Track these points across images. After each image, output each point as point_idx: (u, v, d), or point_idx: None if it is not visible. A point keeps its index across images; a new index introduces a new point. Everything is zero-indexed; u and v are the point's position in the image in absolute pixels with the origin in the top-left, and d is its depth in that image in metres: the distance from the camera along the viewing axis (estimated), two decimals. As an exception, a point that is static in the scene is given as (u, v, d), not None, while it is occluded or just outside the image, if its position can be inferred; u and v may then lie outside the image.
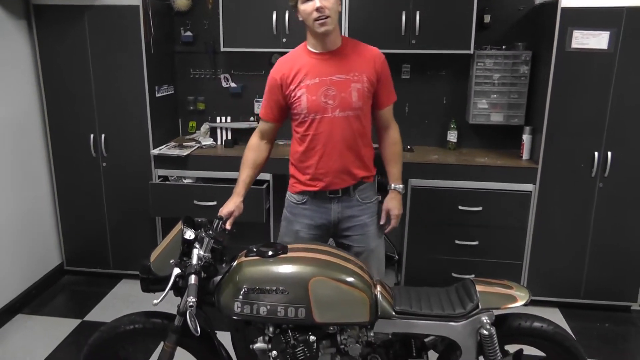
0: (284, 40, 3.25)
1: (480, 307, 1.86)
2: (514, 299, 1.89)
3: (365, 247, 2.33)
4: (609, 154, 3.05)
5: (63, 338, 3.06)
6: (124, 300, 3.39)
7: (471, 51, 3.20)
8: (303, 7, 2.12)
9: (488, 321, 1.85)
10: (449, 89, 3.57)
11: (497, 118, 3.39)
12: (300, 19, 2.17)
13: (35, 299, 3.49)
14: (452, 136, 3.53)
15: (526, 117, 3.36)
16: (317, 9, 2.08)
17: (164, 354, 1.96)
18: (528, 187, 3.17)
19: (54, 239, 3.71)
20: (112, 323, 2.05)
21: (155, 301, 1.76)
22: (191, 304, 1.69)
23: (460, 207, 3.23)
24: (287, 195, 2.42)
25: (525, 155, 3.29)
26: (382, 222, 2.40)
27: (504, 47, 3.35)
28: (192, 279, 1.76)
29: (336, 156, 2.23)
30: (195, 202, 3.29)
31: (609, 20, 2.90)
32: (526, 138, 3.28)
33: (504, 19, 3.41)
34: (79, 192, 3.60)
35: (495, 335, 1.86)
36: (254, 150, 2.38)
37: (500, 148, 3.53)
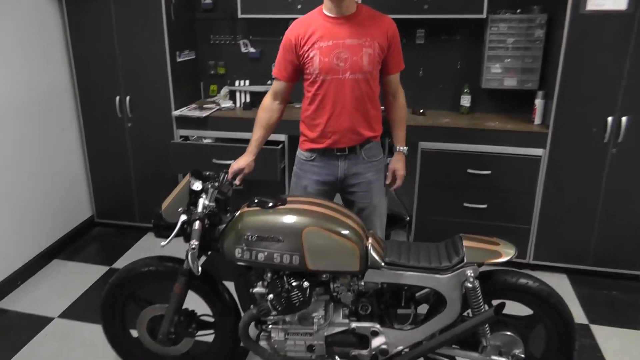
0: (299, 6, 3.32)
1: (465, 261, 1.96)
2: (499, 254, 1.98)
3: (369, 203, 2.44)
4: (624, 119, 3.02)
5: (93, 281, 3.33)
6: (148, 251, 3.55)
7: (484, 15, 3.20)
8: None
9: (472, 274, 1.95)
10: (463, 53, 3.58)
11: (510, 82, 3.40)
12: None
13: (68, 247, 3.77)
14: (465, 100, 3.56)
15: (540, 81, 3.35)
16: None
17: (174, 295, 2.16)
18: (538, 151, 3.19)
19: (85, 193, 3.97)
20: (129, 265, 2.26)
21: (162, 243, 1.94)
22: (193, 246, 1.86)
23: (469, 171, 3.28)
24: (297, 153, 2.55)
25: (537, 120, 3.30)
26: (388, 182, 2.51)
27: (518, 10, 3.32)
28: (196, 224, 1.93)
29: (345, 116, 2.33)
30: (213, 160, 3.44)
31: (628, -21, 2.85)
32: (538, 103, 3.28)
33: (519, -19, 3.39)
34: (107, 150, 3.82)
35: (479, 289, 1.96)
36: (267, 110, 2.51)
37: (513, 112, 3.54)
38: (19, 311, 3.03)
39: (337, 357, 2.11)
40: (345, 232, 1.98)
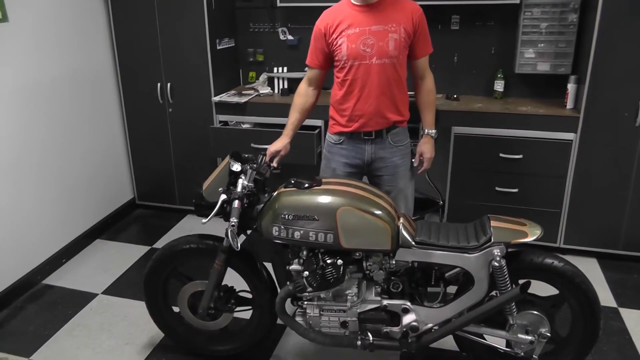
0: (336, -7, 3.40)
1: (493, 240, 2.03)
2: (525, 234, 2.04)
3: (395, 186, 2.53)
4: (656, 104, 3.03)
5: (135, 260, 3.52)
6: (188, 232, 3.57)
7: (517, 1, 3.22)
8: None
9: (499, 254, 2.02)
10: (497, 39, 3.60)
11: (543, 67, 3.41)
12: None
13: (111, 227, 3.97)
14: (499, 85, 3.59)
15: (573, 66, 3.35)
16: None
17: (214, 271, 2.29)
18: (569, 135, 3.21)
19: (126, 176, 4.17)
20: (171, 242, 2.40)
21: (203, 220, 2.07)
22: (233, 223, 1.99)
23: (501, 155, 3.32)
24: (326, 136, 2.65)
25: (570, 104, 3.31)
26: (415, 165, 2.58)
27: (553, -5, 3.33)
28: (236, 203, 2.06)
29: (372, 100, 2.42)
30: (252, 145, 3.55)
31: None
32: (571, 87, 3.29)
33: (555, -34, 3.38)
34: (148, 135, 3.99)
35: (505, 268, 2.03)
36: (302, 95, 2.62)
37: (546, 97, 3.55)
38: (64, 287, 3.23)
39: (369, 333, 2.22)
40: (378, 212, 2.07)
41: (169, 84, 3.78)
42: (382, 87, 2.42)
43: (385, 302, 2.18)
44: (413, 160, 2.61)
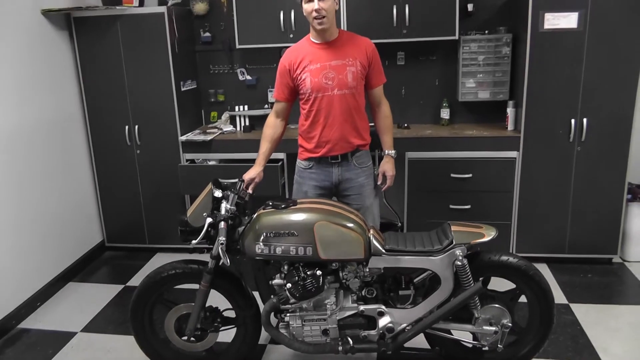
0: (291, 35, 3.68)
1: (454, 242, 2.28)
2: (482, 235, 2.30)
3: (362, 205, 2.77)
4: (585, 120, 3.40)
5: (110, 298, 3.57)
6: None
7: (456, 37, 3.59)
8: (305, 6, 2.58)
9: (461, 254, 2.26)
10: (440, 71, 3.97)
11: (484, 95, 3.78)
12: (304, 14, 2.62)
13: (82, 270, 4.00)
14: (445, 113, 3.94)
15: (510, 92, 3.74)
16: (316, 10, 2.52)
17: (200, 292, 2.43)
18: (512, 154, 3.55)
19: (95, 219, 4.23)
20: (157, 269, 2.53)
21: (193, 241, 2.24)
22: (222, 241, 2.16)
23: (452, 175, 3.63)
24: (297, 163, 2.88)
25: (510, 126, 3.68)
26: (379, 183, 2.83)
27: (486, 31, 3.73)
28: (222, 224, 2.24)
29: (336, 127, 2.68)
30: (219, 180, 3.72)
31: (576, 3, 3.25)
32: (510, 111, 3.66)
33: (486, 6, 3.80)
34: (117, 177, 4.10)
35: (467, 266, 2.28)
36: (271, 127, 2.85)
37: (488, 121, 3.92)
38: (42, 329, 3.23)
39: (349, 339, 2.39)
40: (351, 224, 2.29)
41: (136, 126, 3.94)
42: (344, 114, 2.68)
43: (362, 307, 2.37)
44: (377, 176, 2.86)
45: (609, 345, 2.78)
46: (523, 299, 2.42)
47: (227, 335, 2.61)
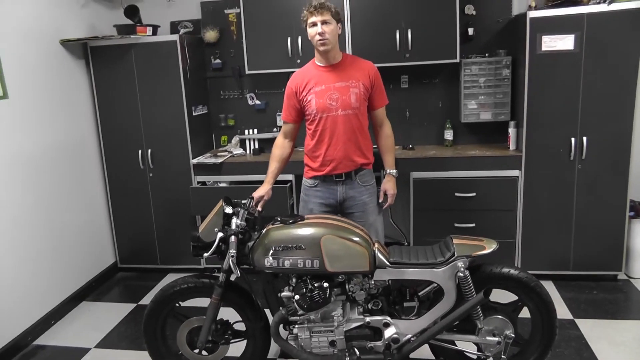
0: (298, 61, 3.83)
1: (456, 255, 2.36)
2: (483, 247, 2.38)
3: (365, 222, 2.85)
4: (584, 138, 3.49)
5: (123, 317, 3.66)
6: None
7: (457, 60, 3.72)
8: (309, 31, 2.73)
9: (463, 266, 2.34)
10: (443, 93, 4.10)
11: (485, 116, 3.89)
12: (309, 38, 2.76)
13: (95, 290, 4.11)
14: (449, 135, 4.04)
15: (511, 112, 3.84)
16: (319, 33, 2.66)
17: (211, 306, 2.51)
18: (515, 173, 3.64)
19: (109, 241, 4.35)
20: (170, 283, 2.62)
21: (205, 254, 2.33)
22: (232, 254, 2.26)
23: (456, 194, 3.71)
24: (302, 181, 2.98)
25: (512, 146, 3.77)
26: (380, 201, 2.93)
27: (487, 54, 3.86)
28: (232, 238, 2.34)
29: (340, 146, 2.79)
30: (229, 198, 3.83)
31: (572, 25, 3.38)
32: (511, 131, 3.76)
33: (486, 30, 3.94)
34: (130, 200, 4.23)
35: (469, 277, 2.35)
36: (280, 147, 2.98)
37: (491, 142, 4.02)
38: (56, 345, 3.33)
39: (355, 349, 2.46)
40: (356, 238, 2.38)
41: (149, 150, 4.08)
42: (348, 134, 2.80)
43: (368, 319, 2.44)
44: (379, 193, 2.95)
45: (613, 358, 2.82)
46: (527, 313, 2.48)
47: (237, 350, 2.69)
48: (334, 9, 2.71)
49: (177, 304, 2.66)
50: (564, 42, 3.42)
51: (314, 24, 2.68)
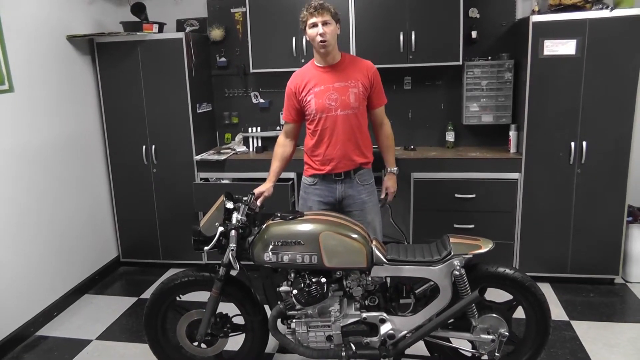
0: (302, 60, 3.87)
1: (452, 253, 2.39)
2: (479, 247, 2.42)
3: (364, 220, 2.88)
4: (584, 143, 3.52)
5: (125, 310, 3.71)
6: None
7: (460, 62, 3.76)
8: (309, 32, 2.77)
9: (459, 264, 2.38)
10: (445, 95, 4.13)
11: (487, 119, 3.93)
12: (308, 39, 2.80)
13: (97, 283, 4.16)
14: (450, 136, 4.08)
15: (513, 116, 3.87)
16: (320, 34, 2.71)
17: (211, 299, 2.56)
18: (514, 175, 3.67)
19: (111, 235, 4.40)
20: (170, 277, 2.66)
21: (206, 248, 2.38)
22: (232, 248, 2.30)
23: (456, 195, 3.75)
24: (302, 179, 3.02)
25: (513, 149, 3.80)
26: (382, 197, 2.97)
27: (489, 57, 3.90)
28: (233, 232, 2.38)
29: (340, 145, 2.83)
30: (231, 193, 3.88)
31: (574, 30, 3.41)
32: (512, 134, 3.79)
33: (489, 33, 3.97)
34: (133, 195, 4.28)
35: (465, 276, 2.39)
36: (281, 146, 3.02)
37: (491, 144, 4.05)
38: (58, 336, 3.39)
39: (352, 345, 2.50)
40: (354, 235, 2.42)
41: (153, 146, 4.12)
42: (347, 134, 2.84)
43: (364, 314, 2.48)
44: (379, 191, 3.01)
45: (607, 359, 2.84)
46: (522, 313, 2.51)
47: (236, 344, 2.74)
48: (333, 9, 2.75)
49: (177, 297, 2.70)
50: (566, 47, 3.45)
51: (315, 25, 2.72)
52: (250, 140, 4.34)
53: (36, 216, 3.51)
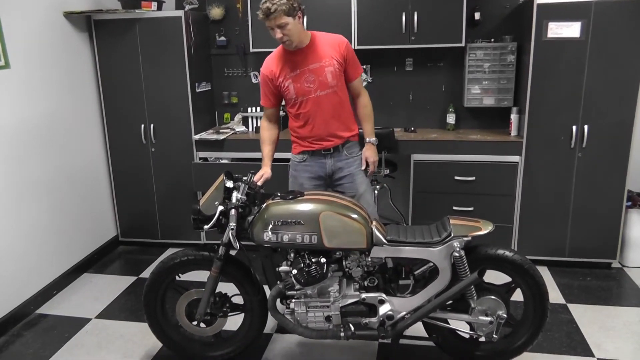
0: (303, 39, 3.83)
1: (452, 235, 2.39)
2: (479, 228, 2.41)
3: (356, 192, 2.91)
4: (586, 127, 3.50)
5: (124, 289, 3.72)
6: None
7: (462, 44, 3.73)
8: (271, 32, 2.73)
9: (458, 246, 2.38)
10: (446, 77, 4.10)
11: (489, 101, 3.90)
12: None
13: (96, 262, 4.16)
14: (451, 118, 4.06)
15: (514, 99, 3.85)
16: (279, 38, 2.69)
17: (211, 278, 2.56)
18: (515, 158, 3.66)
19: (110, 214, 4.39)
20: (170, 255, 2.66)
21: (206, 227, 2.37)
22: (232, 227, 2.29)
23: (456, 178, 3.74)
24: (291, 157, 3.03)
25: (514, 132, 3.79)
26: (362, 168, 2.98)
27: (492, 40, 3.86)
28: (232, 211, 2.37)
29: (324, 126, 2.85)
30: (230, 172, 3.87)
31: (579, 13, 3.37)
32: (514, 117, 3.77)
33: (493, 15, 3.93)
34: (132, 174, 4.26)
35: (464, 258, 2.39)
36: (267, 129, 3.03)
37: (493, 127, 4.04)
38: (58, 314, 3.39)
39: (350, 325, 2.51)
40: (354, 215, 2.41)
41: (152, 125, 4.10)
42: (330, 112, 2.85)
43: (363, 295, 2.48)
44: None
45: (603, 342, 2.87)
46: (519, 297, 2.52)
47: (234, 324, 2.75)
48: (285, 6, 2.61)
49: (176, 276, 2.70)
50: (570, 30, 3.41)
51: (272, 28, 2.69)
52: (250, 120, 4.31)
53: (34, 195, 3.49)
